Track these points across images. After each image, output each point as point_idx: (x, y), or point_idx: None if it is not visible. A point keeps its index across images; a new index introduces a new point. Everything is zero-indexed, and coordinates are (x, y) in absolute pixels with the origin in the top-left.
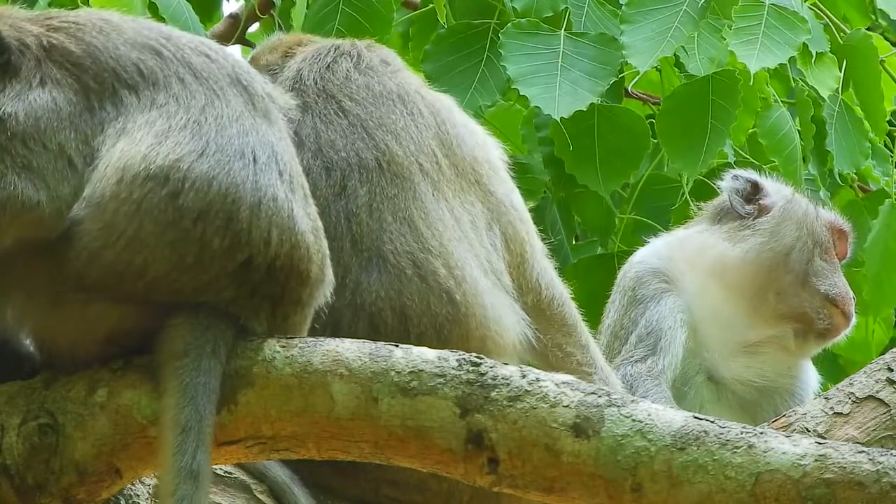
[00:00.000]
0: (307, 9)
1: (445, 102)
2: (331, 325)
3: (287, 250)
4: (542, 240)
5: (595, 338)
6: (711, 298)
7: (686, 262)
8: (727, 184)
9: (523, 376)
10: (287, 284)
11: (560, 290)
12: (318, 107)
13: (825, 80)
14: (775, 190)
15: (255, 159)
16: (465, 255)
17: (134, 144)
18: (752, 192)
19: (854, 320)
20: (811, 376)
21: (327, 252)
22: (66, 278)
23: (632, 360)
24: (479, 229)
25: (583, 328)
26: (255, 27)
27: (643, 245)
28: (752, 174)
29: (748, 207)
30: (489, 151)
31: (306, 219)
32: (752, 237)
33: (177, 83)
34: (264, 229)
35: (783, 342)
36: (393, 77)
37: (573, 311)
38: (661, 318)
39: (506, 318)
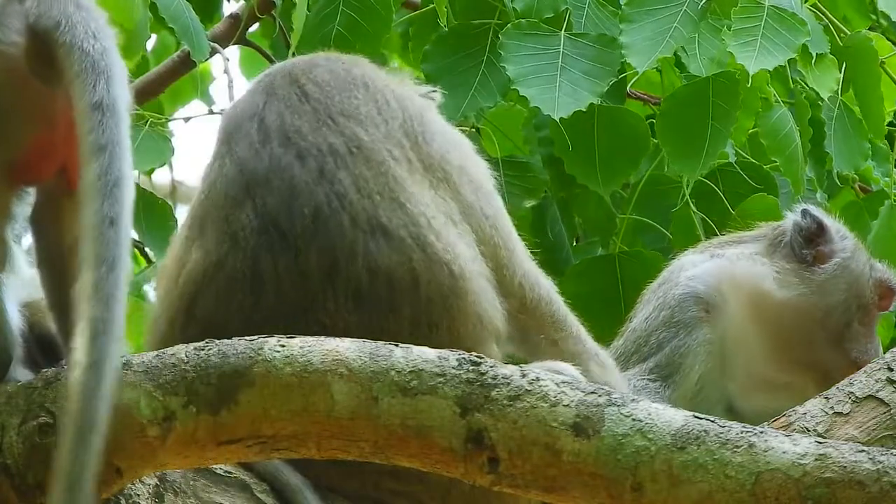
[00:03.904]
0: (307, 9)
1: (420, 102)
2: (351, 290)
3: None
4: (542, 240)
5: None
6: (745, 330)
7: (731, 288)
8: (793, 218)
9: (523, 375)
10: None
11: (546, 289)
12: (282, 91)
13: (825, 82)
14: (839, 237)
15: None
16: (453, 236)
17: None
18: (816, 233)
19: None
20: None
21: None
22: None
23: (642, 377)
24: (456, 222)
25: (572, 320)
26: (255, 27)
27: (644, 246)
28: (820, 213)
29: (806, 252)
30: (467, 161)
31: None
32: (800, 286)
33: None
34: None
35: (803, 389)
36: (360, 67)
37: (561, 306)
38: (685, 353)
39: (496, 303)
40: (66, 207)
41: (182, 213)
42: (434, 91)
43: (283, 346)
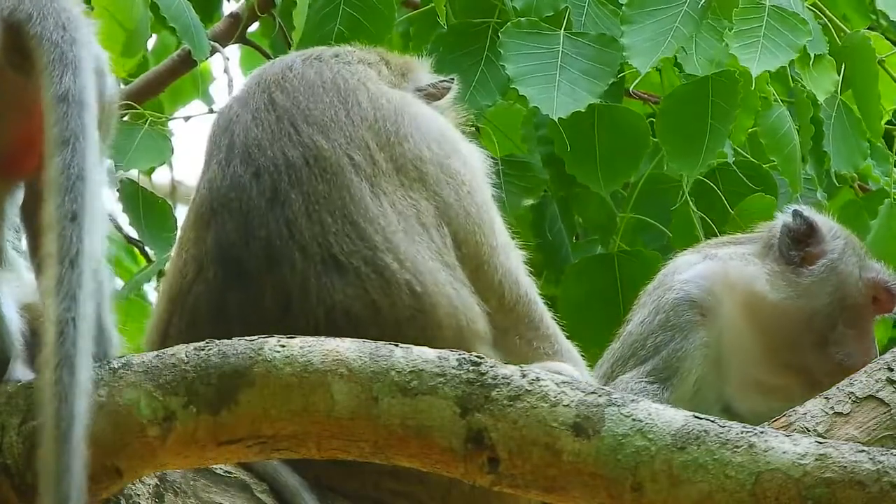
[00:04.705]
0: (308, 8)
1: (397, 99)
2: (311, 325)
3: None
4: (542, 239)
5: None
6: (740, 332)
7: (725, 290)
8: (783, 219)
9: (523, 376)
10: None
11: (525, 288)
12: (253, 100)
13: (822, 84)
14: (830, 237)
15: None
16: (417, 248)
17: None
18: (806, 234)
19: None
20: None
21: None
22: None
23: (640, 380)
24: (427, 226)
25: (549, 320)
26: (255, 26)
27: (643, 245)
28: (811, 214)
29: (794, 253)
30: (451, 157)
31: None
32: (788, 289)
33: None
34: None
35: (792, 391)
36: (336, 67)
37: (539, 306)
38: (682, 357)
39: (474, 306)
40: None
41: (182, 213)
42: (445, 80)
43: (284, 346)
